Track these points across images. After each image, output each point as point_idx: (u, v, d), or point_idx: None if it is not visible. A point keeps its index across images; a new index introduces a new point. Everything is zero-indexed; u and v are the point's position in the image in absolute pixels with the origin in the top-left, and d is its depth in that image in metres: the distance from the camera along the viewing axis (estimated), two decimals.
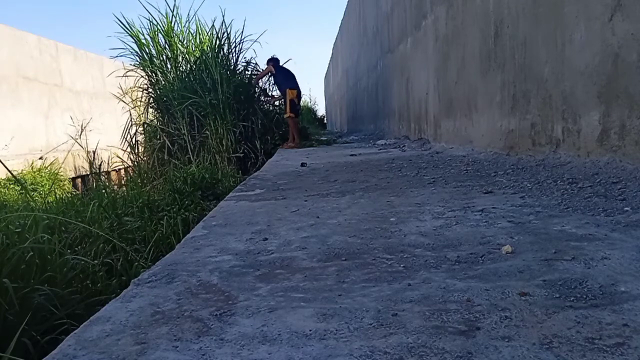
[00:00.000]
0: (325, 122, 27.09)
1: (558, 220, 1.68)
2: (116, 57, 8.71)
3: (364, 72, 11.40)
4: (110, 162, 8.19)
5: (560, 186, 2.26)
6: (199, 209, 4.10)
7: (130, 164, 8.50)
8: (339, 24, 16.97)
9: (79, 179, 11.24)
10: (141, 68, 8.52)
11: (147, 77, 8.57)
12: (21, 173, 8.72)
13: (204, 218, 2.21)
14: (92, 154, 7.22)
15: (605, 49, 2.37)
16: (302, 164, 4.40)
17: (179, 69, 8.43)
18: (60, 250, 2.26)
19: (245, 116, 8.05)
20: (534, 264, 1.25)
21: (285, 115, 8.04)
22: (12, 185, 7.75)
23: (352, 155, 5.39)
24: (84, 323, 1.05)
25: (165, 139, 7.82)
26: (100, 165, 7.69)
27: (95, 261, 2.44)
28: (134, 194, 4.57)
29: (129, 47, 8.39)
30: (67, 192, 7.55)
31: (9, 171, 2.74)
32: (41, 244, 2.13)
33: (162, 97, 8.29)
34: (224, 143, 7.63)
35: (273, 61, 8.26)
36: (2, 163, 2.35)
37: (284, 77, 8.09)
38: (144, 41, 8.35)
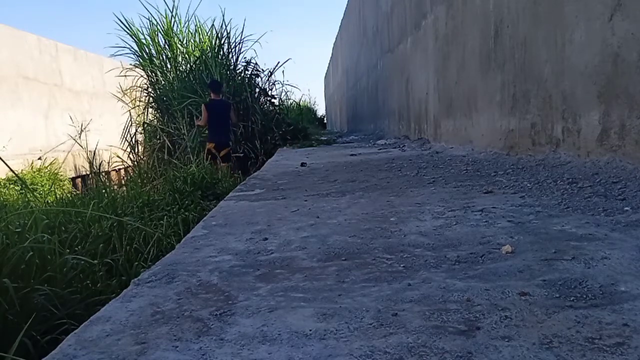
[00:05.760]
0: (325, 122, 27.07)
1: (558, 220, 1.68)
2: (115, 55, 8.72)
3: (364, 72, 11.39)
4: (110, 162, 8.19)
5: (560, 186, 2.26)
6: (199, 208, 4.10)
7: (130, 164, 8.50)
8: (339, 24, 16.96)
9: (79, 179, 11.25)
10: (141, 68, 8.53)
11: (146, 77, 8.57)
12: (21, 173, 8.72)
13: (204, 218, 2.21)
14: (92, 153, 7.22)
15: (605, 49, 2.37)
16: (302, 164, 4.40)
17: (179, 69, 8.44)
18: (60, 250, 2.26)
19: (245, 116, 8.05)
20: (534, 264, 1.25)
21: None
22: (12, 185, 7.76)
23: (352, 155, 5.39)
24: (84, 323, 1.05)
25: (165, 138, 7.83)
26: (100, 165, 7.69)
27: (95, 261, 2.44)
28: (134, 194, 4.57)
29: (128, 46, 8.41)
30: (67, 192, 7.55)
31: (11, 170, 2.74)
32: (41, 243, 2.13)
33: (161, 96, 8.30)
34: None
35: (212, 87, 6.99)
36: (3, 162, 2.35)
37: (211, 122, 6.84)
38: (143, 41, 8.36)
